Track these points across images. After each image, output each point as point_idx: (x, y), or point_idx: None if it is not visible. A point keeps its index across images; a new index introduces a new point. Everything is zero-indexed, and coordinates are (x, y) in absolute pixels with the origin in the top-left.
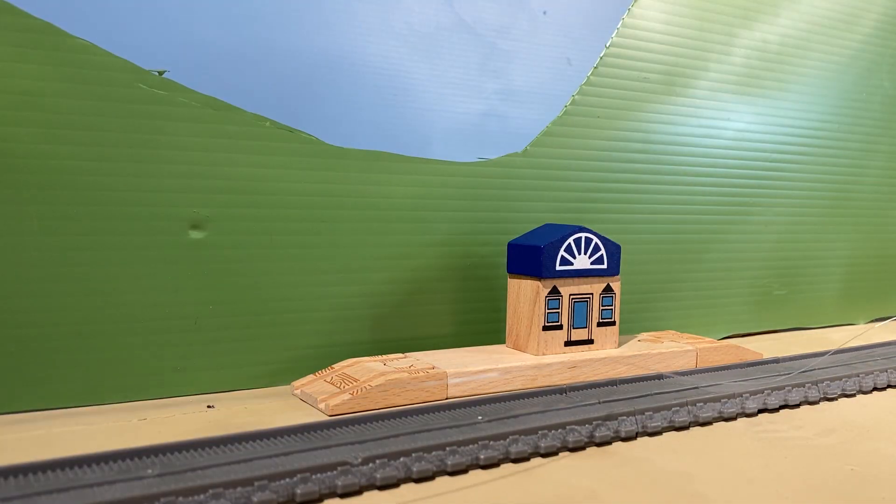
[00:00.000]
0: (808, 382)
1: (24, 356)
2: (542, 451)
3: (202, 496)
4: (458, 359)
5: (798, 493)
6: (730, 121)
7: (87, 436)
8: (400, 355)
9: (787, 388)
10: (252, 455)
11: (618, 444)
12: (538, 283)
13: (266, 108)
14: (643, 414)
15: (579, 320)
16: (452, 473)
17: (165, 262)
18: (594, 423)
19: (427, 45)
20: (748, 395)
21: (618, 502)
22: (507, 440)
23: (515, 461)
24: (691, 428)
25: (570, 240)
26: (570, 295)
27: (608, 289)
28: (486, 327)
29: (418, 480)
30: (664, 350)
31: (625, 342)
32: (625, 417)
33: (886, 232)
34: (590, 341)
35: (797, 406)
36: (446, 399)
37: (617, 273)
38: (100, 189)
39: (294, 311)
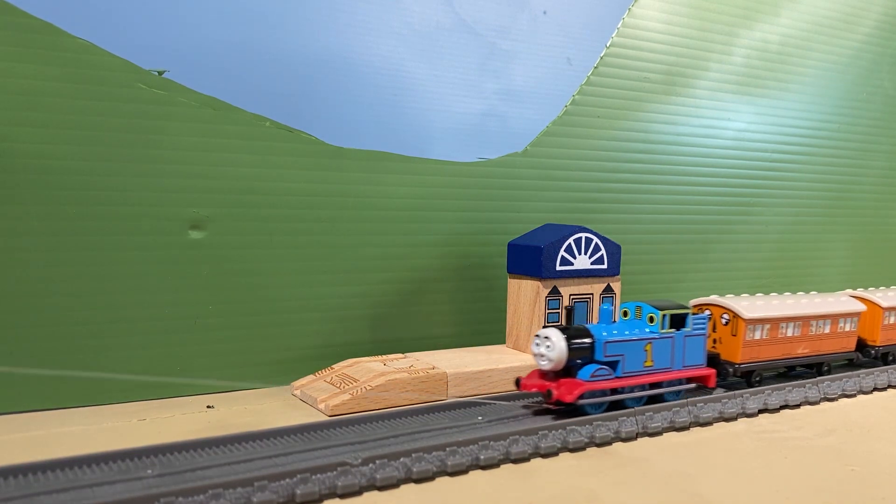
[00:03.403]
0: (808, 382)
1: (23, 356)
2: (542, 452)
3: (202, 496)
4: (458, 359)
5: (798, 493)
6: (730, 121)
7: (87, 436)
8: (400, 355)
9: (787, 388)
10: (252, 455)
11: (618, 444)
12: (538, 283)
13: (266, 108)
14: (643, 414)
15: (579, 320)
16: (452, 474)
17: (165, 262)
18: (594, 423)
19: (427, 45)
20: (748, 395)
21: (618, 502)
22: (507, 440)
23: (515, 461)
24: (691, 428)
25: (571, 240)
26: (571, 295)
27: (608, 289)
28: (486, 327)
29: (418, 481)
30: None
31: None
32: (625, 417)
33: (886, 232)
34: None
35: (797, 406)
36: (446, 399)
37: (617, 273)
38: (100, 189)
39: (294, 311)
